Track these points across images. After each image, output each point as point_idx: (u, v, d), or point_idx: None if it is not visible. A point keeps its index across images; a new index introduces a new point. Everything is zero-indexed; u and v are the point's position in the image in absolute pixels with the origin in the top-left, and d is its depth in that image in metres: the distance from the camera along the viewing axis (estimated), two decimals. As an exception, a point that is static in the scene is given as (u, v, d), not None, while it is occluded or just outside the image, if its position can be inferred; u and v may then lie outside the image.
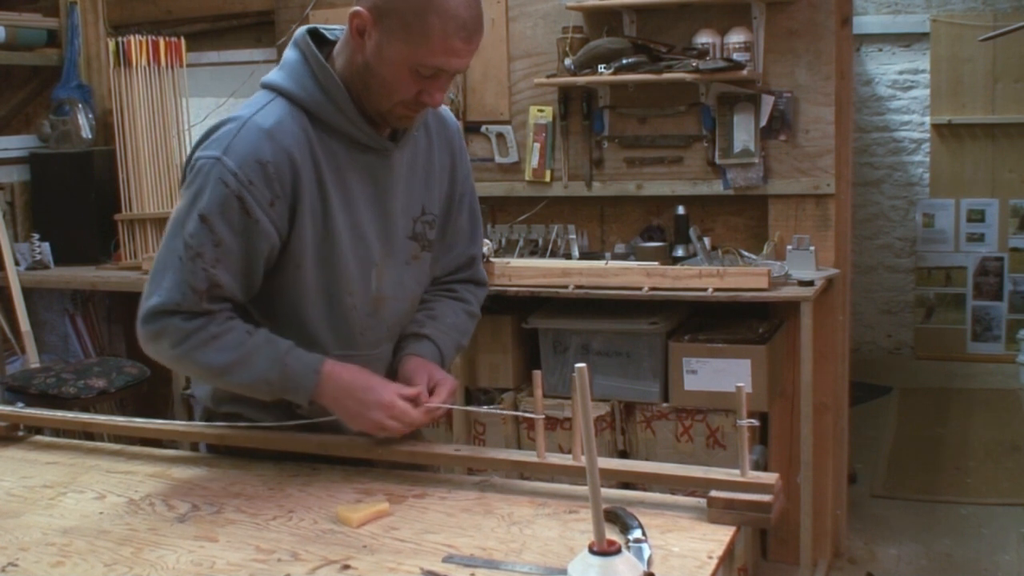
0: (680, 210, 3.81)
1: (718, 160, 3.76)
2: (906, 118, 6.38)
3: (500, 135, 4.03)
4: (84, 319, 4.54)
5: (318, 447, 1.85)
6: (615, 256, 3.88)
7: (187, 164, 1.77)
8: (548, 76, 3.83)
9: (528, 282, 3.58)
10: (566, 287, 3.54)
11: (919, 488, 4.47)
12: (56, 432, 2.15)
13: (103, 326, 4.62)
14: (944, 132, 6.26)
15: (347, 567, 1.45)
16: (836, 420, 3.79)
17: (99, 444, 2.18)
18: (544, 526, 1.57)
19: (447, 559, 1.46)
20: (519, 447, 3.64)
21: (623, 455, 3.58)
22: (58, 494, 1.78)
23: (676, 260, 3.72)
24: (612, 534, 1.37)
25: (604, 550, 1.27)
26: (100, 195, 4.31)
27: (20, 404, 2.14)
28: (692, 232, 3.73)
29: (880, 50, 6.36)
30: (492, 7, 3.97)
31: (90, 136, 4.43)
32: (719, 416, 3.46)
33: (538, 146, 3.97)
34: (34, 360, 3.99)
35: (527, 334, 3.74)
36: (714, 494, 1.55)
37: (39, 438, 2.11)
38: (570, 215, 4.05)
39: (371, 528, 1.58)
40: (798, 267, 3.53)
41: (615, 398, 3.58)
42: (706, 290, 3.38)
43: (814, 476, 3.50)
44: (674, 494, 1.65)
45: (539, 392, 1.70)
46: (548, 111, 3.96)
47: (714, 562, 1.42)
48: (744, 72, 3.57)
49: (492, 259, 3.63)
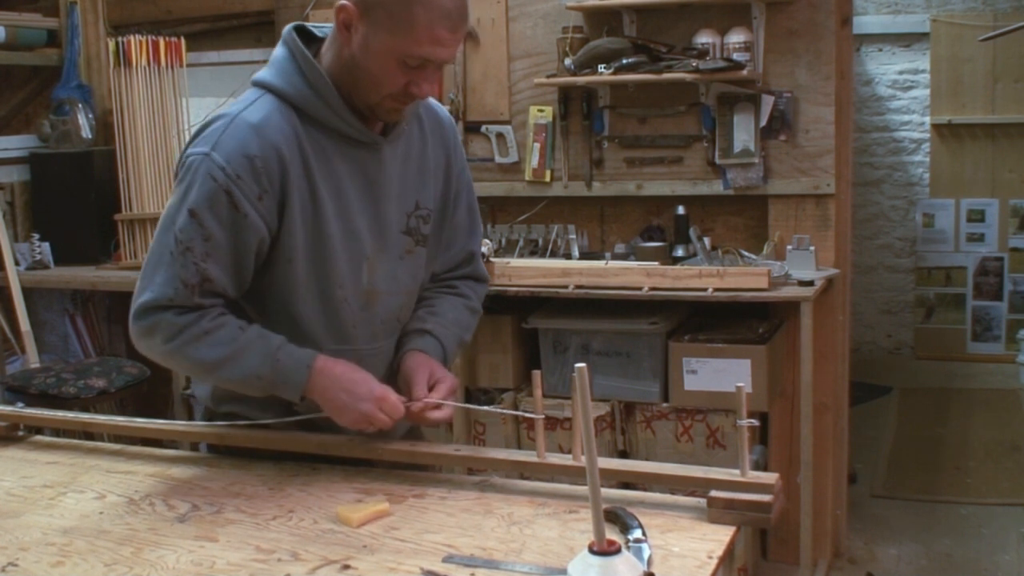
0: (680, 210, 3.81)
1: (718, 160, 3.76)
2: (906, 118, 6.38)
3: (500, 135, 4.03)
4: (84, 319, 4.54)
5: (318, 447, 1.85)
6: (615, 256, 3.88)
7: (179, 162, 1.78)
8: (548, 76, 3.83)
9: (528, 282, 3.58)
10: (566, 287, 3.54)
11: (919, 488, 4.47)
12: (56, 432, 2.15)
13: (103, 326, 4.62)
14: (944, 132, 6.26)
15: (347, 567, 1.45)
16: (836, 420, 3.79)
17: (99, 444, 2.18)
18: (544, 526, 1.57)
19: (447, 559, 1.46)
20: (519, 447, 3.64)
21: (623, 455, 3.58)
22: (58, 494, 1.78)
23: (676, 260, 3.73)
24: (612, 534, 1.37)
25: (604, 550, 1.27)
26: (100, 195, 4.31)
27: (20, 404, 2.14)
28: (692, 232, 3.73)
29: (880, 50, 6.35)
30: (492, 7, 3.97)
31: (90, 136, 4.43)
32: (719, 416, 3.46)
33: (538, 146, 3.97)
34: (34, 360, 3.99)
35: (527, 334, 3.74)
36: (714, 494, 1.55)
37: (39, 438, 2.11)
38: (570, 215, 4.05)
39: (371, 528, 1.58)
40: (798, 267, 3.53)
41: (615, 398, 3.58)
42: (706, 290, 3.38)
43: (814, 476, 3.50)
44: (674, 494, 1.65)
45: (539, 392, 1.70)
46: (548, 111, 3.96)
47: (714, 562, 1.42)
48: (744, 72, 3.57)
49: (492, 259, 3.63)
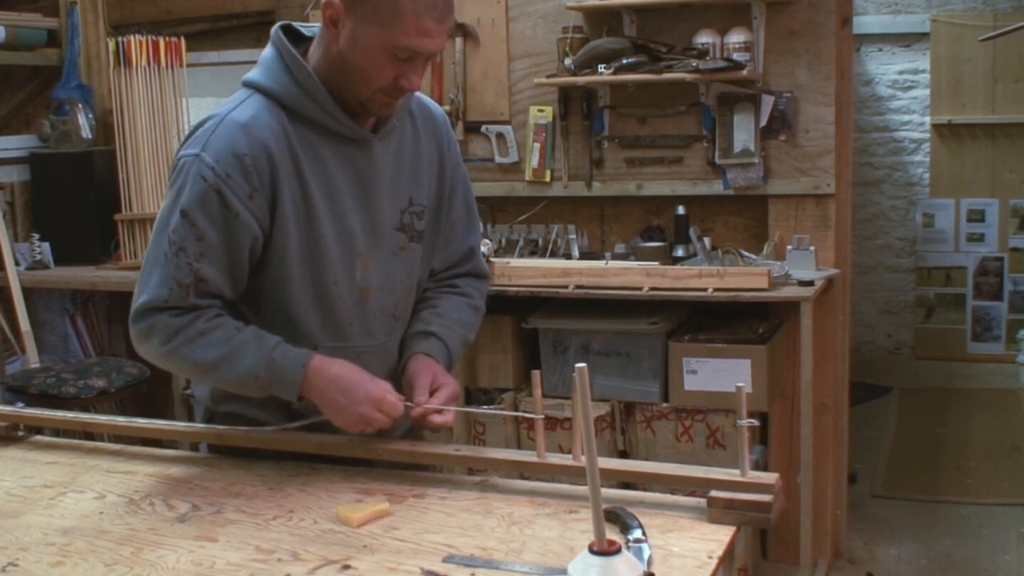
0: (680, 210, 3.80)
1: (718, 160, 3.76)
2: (906, 118, 6.37)
3: (500, 135, 4.03)
4: (84, 319, 4.54)
5: (318, 447, 1.85)
6: (615, 256, 3.88)
7: (172, 165, 1.80)
8: (548, 76, 3.83)
9: (528, 282, 3.58)
10: (566, 287, 3.54)
11: (919, 488, 4.47)
12: (56, 432, 2.16)
13: (103, 326, 4.62)
14: (944, 132, 6.26)
15: (347, 567, 1.45)
16: (836, 420, 3.79)
17: (99, 444, 2.18)
18: (544, 526, 1.57)
19: (447, 559, 1.46)
20: (519, 447, 3.64)
21: (623, 455, 3.58)
22: (58, 494, 1.78)
23: (676, 260, 3.72)
24: (612, 534, 1.37)
25: (604, 550, 1.27)
26: (100, 195, 4.31)
27: (20, 404, 2.14)
28: (692, 232, 3.73)
29: (880, 50, 6.35)
30: (492, 7, 3.97)
31: (90, 136, 4.43)
32: (719, 416, 3.46)
33: (538, 146, 3.97)
34: (34, 360, 3.99)
35: (527, 334, 3.74)
36: (714, 494, 1.55)
37: (39, 438, 2.11)
38: (570, 215, 4.05)
39: (371, 528, 1.58)
40: (798, 267, 3.53)
41: (615, 398, 3.58)
42: (706, 290, 3.38)
43: (814, 476, 3.50)
44: (674, 494, 1.65)
45: (539, 392, 1.70)
46: (548, 111, 3.95)
47: (714, 562, 1.42)
48: (744, 72, 3.57)
49: (492, 259, 3.63)
